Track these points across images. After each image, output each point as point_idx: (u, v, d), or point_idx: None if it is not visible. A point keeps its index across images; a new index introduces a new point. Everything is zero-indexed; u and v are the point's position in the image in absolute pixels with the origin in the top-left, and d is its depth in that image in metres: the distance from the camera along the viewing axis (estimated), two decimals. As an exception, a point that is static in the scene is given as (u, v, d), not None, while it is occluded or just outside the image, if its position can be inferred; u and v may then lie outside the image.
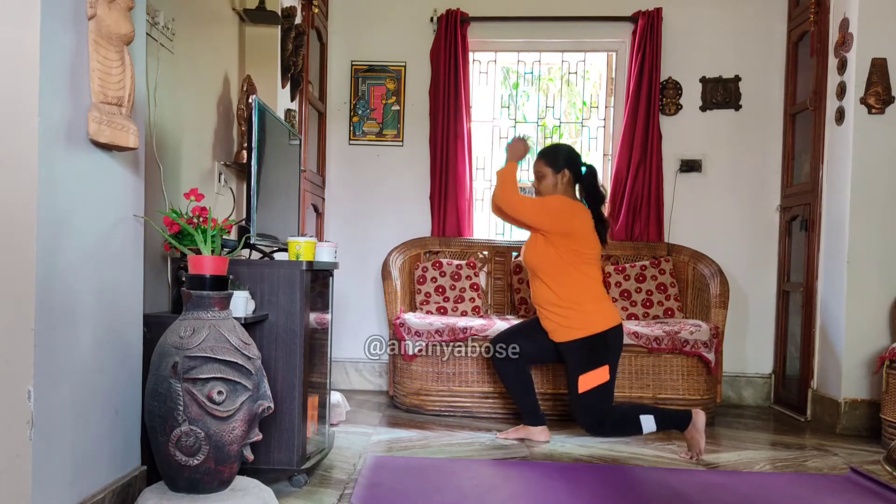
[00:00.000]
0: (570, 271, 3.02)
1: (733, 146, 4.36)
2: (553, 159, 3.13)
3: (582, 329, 2.98)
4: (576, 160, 3.16)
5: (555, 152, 3.18)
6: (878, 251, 3.54)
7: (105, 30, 1.77)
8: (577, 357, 2.98)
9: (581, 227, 3.04)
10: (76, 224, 1.74)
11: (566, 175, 3.12)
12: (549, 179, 3.13)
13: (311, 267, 2.43)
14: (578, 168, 3.15)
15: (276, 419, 2.34)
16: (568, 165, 3.12)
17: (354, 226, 4.48)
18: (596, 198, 3.15)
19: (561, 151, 3.18)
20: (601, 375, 2.94)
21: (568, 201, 3.09)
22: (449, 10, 4.34)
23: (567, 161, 3.13)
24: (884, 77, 3.51)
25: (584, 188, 3.17)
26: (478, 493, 2.43)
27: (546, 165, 3.14)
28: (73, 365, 1.73)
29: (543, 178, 3.14)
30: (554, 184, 3.12)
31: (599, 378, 2.93)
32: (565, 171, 3.12)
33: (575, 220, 3.04)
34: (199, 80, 2.87)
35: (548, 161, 3.14)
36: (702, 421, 2.94)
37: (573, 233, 3.03)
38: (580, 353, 2.98)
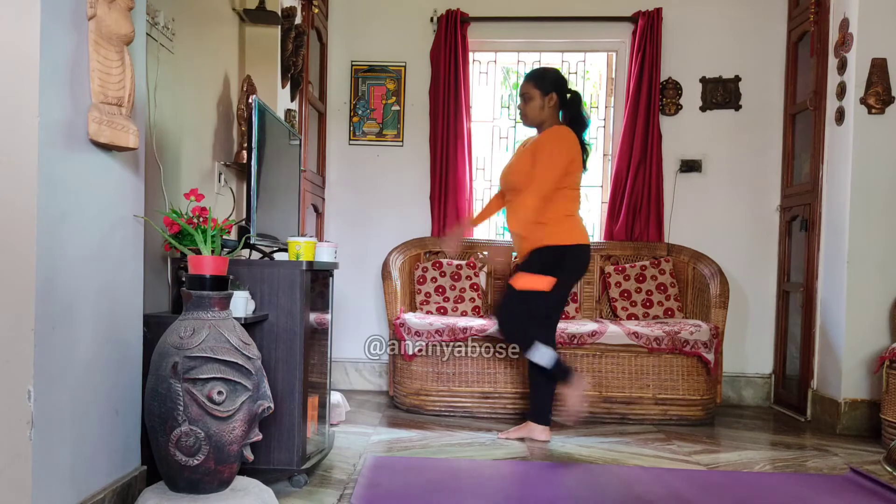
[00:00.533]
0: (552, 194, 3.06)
1: (733, 146, 4.37)
2: (541, 82, 3.17)
3: (545, 239, 3.03)
4: (563, 84, 3.21)
5: (543, 75, 3.22)
6: (878, 251, 3.54)
7: (105, 30, 1.77)
8: (530, 261, 3.06)
9: (576, 153, 3.10)
10: (76, 224, 1.74)
11: (553, 98, 3.16)
12: (537, 101, 3.16)
13: (311, 267, 2.43)
14: (565, 92, 3.20)
15: (276, 419, 2.34)
16: (555, 88, 3.17)
17: (354, 226, 4.48)
18: (580, 123, 3.20)
19: (549, 75, 3.22)
20: (541, 282, 2.99)
21: (564, 130, 3.12)
22: (449, 10, 4.34)
23: (555, 84, 3.17)
24: (884, 77, 3.51)
25: (568, 113, 3.22)
26: (478, 493, 2.43)
27: (534, 87, 3.17)
28: (73, 365, 1.74)
29: (531, 99, 3.18)
30: (541, 106, 3.16)
31: (538, 283, 2.99)
32: (552, 94, 3.16)
33: (574, 147, 3.09)
34: (199, 80, 2.87)
35: (536, 83, 3.18)
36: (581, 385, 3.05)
37: (573, 160, 3.08)
38: (534, 258, 3.05)
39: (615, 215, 4.33)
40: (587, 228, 3.26)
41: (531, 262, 3.07)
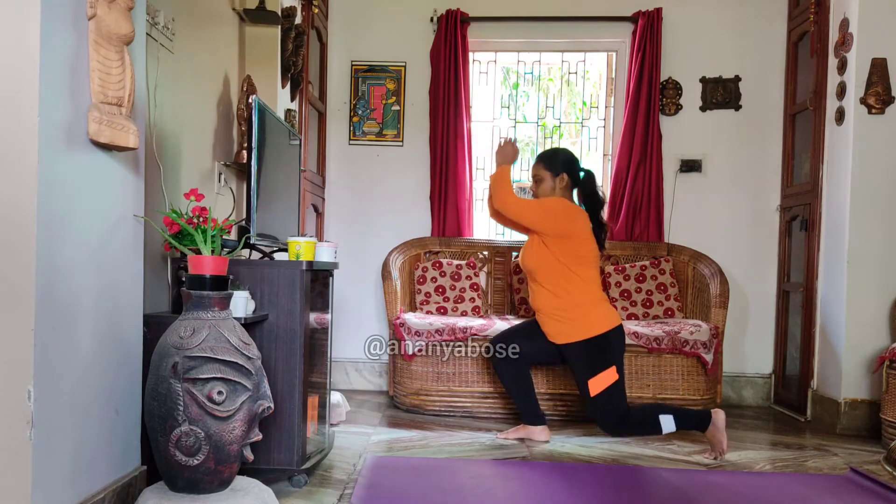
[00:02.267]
0: (568, 274, 3.03)
1: (733, 146, 4.36)
2: (551, 163, 3.15)
3: (583, 331, 2.98)
4: (574, 164, 3.18)
5: (553, 156, 3.19)
6: (878, 251, 3.54)
7: (105, 30, 1.77)
8: (583, 360, 2.99)
9: (579, 229, 3.05)
10: (76, 224, 1.74)
11: (564, 179, 3.13)
12: (548, 183, 3.14)
13: (311, 267, 2.43)
14: (577, 172, 3.17)
15: (276, 419, 2.34)
16: (566, 169, 3.14)
17: (354, 226, 4.48)
18: (594, 202, 3.17)
19: (559, 155, 3.19)
20: (610, 376, 2.94)
21: (566, 203, 3.10)
22: (449, 11, 4.34)
23: (565, 165, 3.14)
24: (884, 77, 3.51)
25: (582, 192, 3.19)
26: (478, 493, 2.43)
27: (545, 169, 3.15)
28: (73, 365, 1.73)
29: (542, 181, 3.16)
30: (552, 188, 3.14)
31: (609, 379, 2.93)
32: (563, 175, 3.13)
33: (573, 221, 3.05)
34: (199, 80, 2.87)
35: (546, 164, 3.15)
36: (722, 420, 2.95)
37: (571, 234, 3.04)
38: (585, 356, 2.98)
39: (615, 215, 4.33)
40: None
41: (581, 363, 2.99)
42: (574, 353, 3.01)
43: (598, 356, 2.96)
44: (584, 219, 3.09)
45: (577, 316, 3.00)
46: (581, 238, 3.05)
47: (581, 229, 3.06)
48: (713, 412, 2.96)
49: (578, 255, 3.04)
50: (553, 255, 3.04)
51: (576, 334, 2.99)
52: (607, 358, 2.95)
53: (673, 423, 2.92)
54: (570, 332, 3.01)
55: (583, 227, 3.07)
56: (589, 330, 2.98)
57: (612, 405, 2.94)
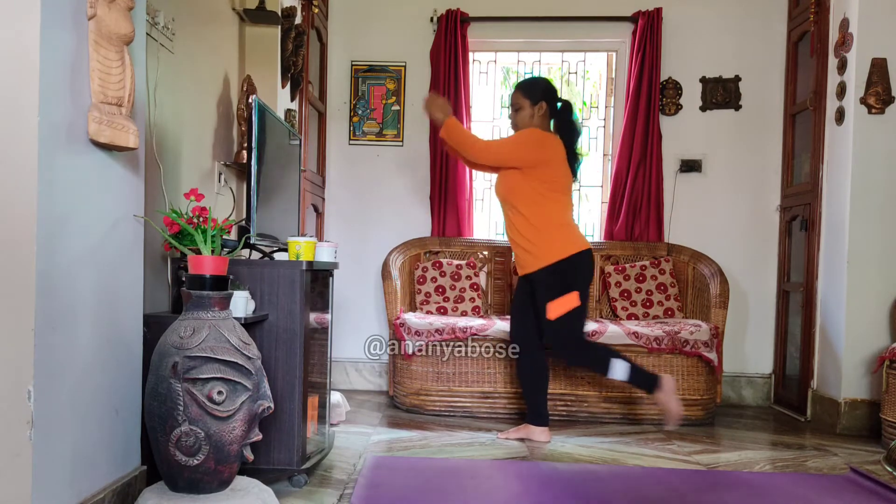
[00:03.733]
0: (540, 199, 3.07)
1: (733, 146, 4.36)
2: (531, 91, 3.17)
3: (549, 256, 3.02)
4: (553, 93, 3.20)
5: (533, 84, 3.22)
6: (878, 251, 3.54)
7: (105, 30, 1.77)
8: (544, 285, 3.03)
9: (552, 156, 3.09)
10: (76, 224, 1.74)
11: (543, 107, 3.15)
12: (526, 111, 3.16)
13: (311, 267, 2.43)
14: (555, 101, 3.19)
15: (276, 419, 2.34)
16: (545, 97, 3.16)
17: (354, 226, 4.48)
18: (570, 131, 3.19)
19: (539, 84, 3.23)
20: (571, 301, 2.97)
21: (537, 132, 3.13)
22: (449, 10, 4.34)
23: (544, 93, 3.17)
24: (884, 77, 3.51)
25: (559, 122, 3.21)
26: (478, 493, 2.43)
27: (523, 97, 3.17)
28: (73, 365, 1.74)
29: (520, 109, 3.17)
30: (530, 115, 3.16)
31: (569, 303, 2.97)
32: (542, 104, 3.15)
33: (545, 148, 3.08)
34: (199, 80, 2.87)
35: (525, 92, 3.17)
36: (670, 385, 3.01)
37: (546, 161, 3.07)
38: (547, 280, 3.02)
39: (615, 215, 4.33)
40: (588, 228, 3.26)
41: (546, 286, 3.03)
42: (539, 279, 3.05)
43: (560, 280, 3.00)
44: (558, 145, 3.12)
45: (545, 240, 3.04)
46: (555, 164, 3.09)
47: (555, 155, 3.09)
48: (662, 376, 3.02)
49: (551, 181, 3.07)
50: (526, 182, 3.07)
51: (542, 260, 3.03)
52: (569, 282, 2.99)
53: (624, 371, 2.99)
54: (537, 259, 3.05)
55: (557, 154, 3.10)
56: (553, 254, 3.01)
57: (570, 331, 2.98)
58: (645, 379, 3.04)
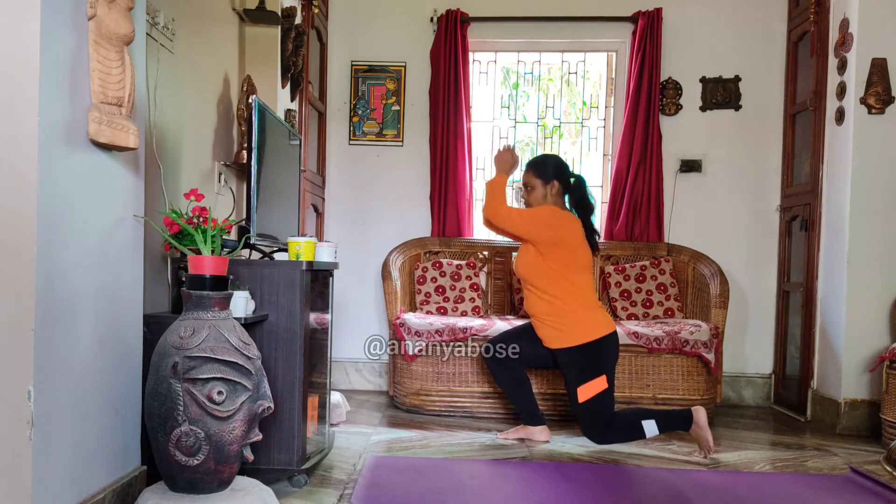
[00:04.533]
0: (561, 281, 3.03)
1: (733, 146, 4.36)
2: (542, 170, 3.16)
3: (576, 337, 2.98)
4: (564, 170, 3.19)
5: (543, 163, 3.20)
6: (878, 251, 3.54)
7: (105, 30, 1.77)
8: (574, 366, 2.99)
9: (571, 236, 3.06)
10: (76, 224, 1.74)
11: (555, 185, 3.14)
12: (539, 190, 3.15)
13: (311, 267, 2.43)
14: (567, 178, 3.18)
15: (276, 419, 2.34)
16: (557, 176, 3.15)
17: (354, 226, 4.48)
18: (585, 207, 3.18)
19: (549, 162, 3.20)
20: (599, 384, 2.94)
21: (557, 210, 3.10)
22: (449, 10, 4.34)
23: (556, 171, 3.15)
24: (884, 77, 3.51)
25: (573, 198, 3.20)
26: (478, 493, 2.43)
27: (535, 177, 3.16)
28: (73, 365, 1.73)
29: (533, 189, 3.16)
30: (543, 195, 3.15)
31: (598, 387, 2.94)
32: (554, 182, 3.14)
33: (564, 228, 3.06)
34: (199, 80, 2.87)
35: (537, 172, 3.16)
36: (703, 417, 2.94)
37: (561, 241, 3.04)
38: (576, 363, 2.98)
39: (615, 215, 4.33)
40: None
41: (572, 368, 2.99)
42: (566, 358, 3.01)
43: (589, 363, 2.96)
44: (575, 224, 3.09)
45: (572, 322, 3.00)
46: (573, 244, 3.06)
47: (572, 235, 3.06)
48: (694, 410, 2.96)
49: (571, 262, 3.04)
50: (545, 263, 3.04)
51: (569, 340, 3.00)
52: (598, 365, 2.96)
53: (656, 427, 2.93)
54: (564, 337, 3.01)
55: (574, 233, 3.07)
56: (583, 336, 2.98)
57: (598, 413, 2.95)
58: (677, 422, 2.97)
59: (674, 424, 2.97)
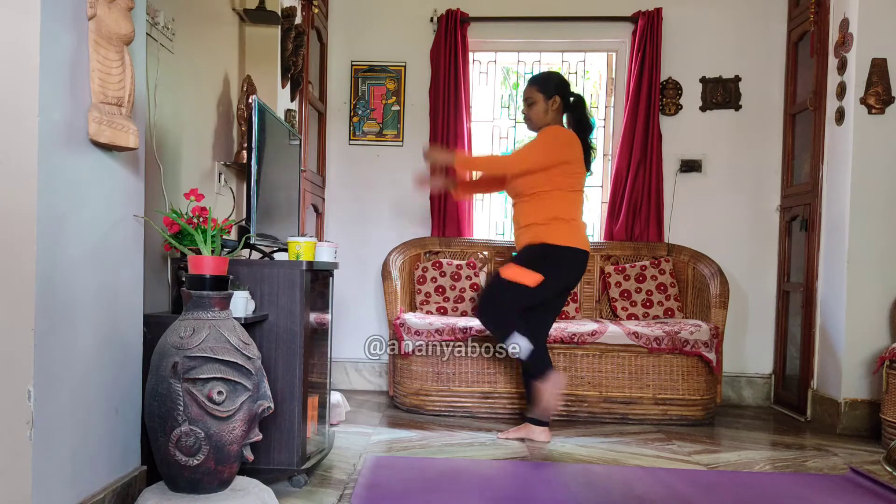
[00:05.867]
0: (556, 194, 3.10)
1: (733, 146, 4.36)
2: (545, 85, 3.20)
3: (546, 237, 3.07)
4: (566, 88, 3.23)
5: (547, 79, 3.25)
6: (878, 251, 3.54)
7: (105, 30, 1.77)
8: (524, 254, 3.08)
9: (576, 154, 3.12)
10: (76, 224, 1.74)
11: (556, 101, 3.18)
12: (540, 105, 3.19)
13: (311, 267, 2.43)
14: (568, 96, 3.22)
15: (276, 419, 2.34)
16: (559, 92, 3.19)
17: (354, 226, 4.48)
18: (584, 126, 3.22)
19: (552, 78, 3.26)
20: (529, 277, 3.01)
21: (563, 130, 3.16)
22: (449, 10, 4.34)
23: (558, 87, 3.20)
24: (884, 77, 3.51)
25: (573, 117, 3.24)
26: (478, 493, 2.43)
27: (538, 91, 3.20)
28: (73, 365, 1.73)
29: (534, 103, 3.20)
30: (545, 110, 3.18)
31: (523, 277, 3.01)
32: (556, 98, 3.18)
33: (571, 147, 3.12)
34: (199, 80, 2.87)
35: (540, 87, 3.20)
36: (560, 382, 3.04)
37: (570, 160, 3.10)
38: (527, 253, 3.08)
39: (615, 215, 4.33)
40: (588, 228, 3.27)
41: (522, 255, 3.13)
42: (524, 251, 3.11)
43: (538, 259, 3.04)
44: (578, 143, 3.15)
45: (550, 226, 3.08)
46: (576, 161, 3.13)
47: (577, 153, 3.13)
48: (556, 372, 3.05)
49: (570, 177, 3.11)
50: (548, 178, 3.09)
51: (536, 239, 3.09)
52: (542, 265, 3.03)
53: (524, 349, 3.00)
54: (535, 238, 3.09)
55: (578, 151, 3.14)
56: (548, 237, 3.06)
57: (503, 298, 3.03)
58: (539, 366, 3.04)
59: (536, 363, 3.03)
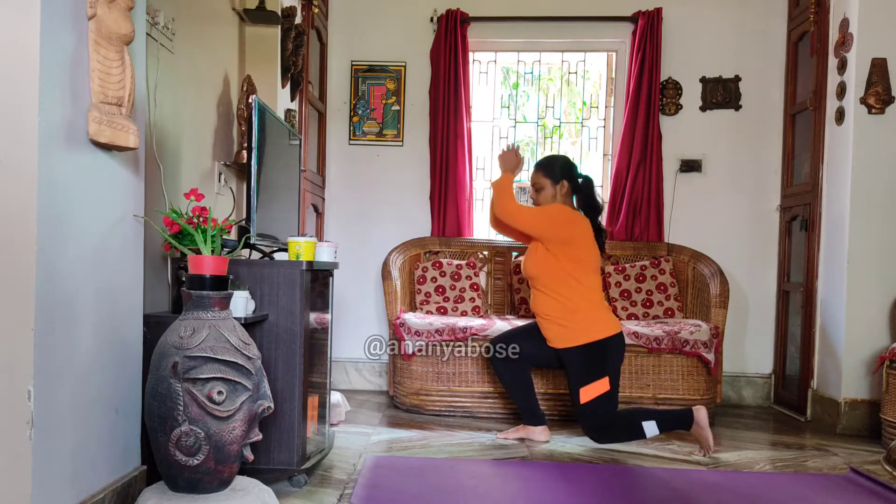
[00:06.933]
0: (570, 280, 3.04)
1: (733, 146, 4.36)
2: (551, 170, 3.16)
3: (582, 336, 2.99)
4: (573, 170, 3.20)
5: (552, 163, 3.20)
6: (878, 251, 3.54)
7: (105, 30, 1.77)
8: (577, 366, 2.99)
9: (580, 235, 3.07)
10: (76, 224, 1.74)
11: (565, 186, 3.15)
12: (548, 190, 3.15)
13: (311, 267, 2.43)
14: (576, 178, 3.19)
15: (276, 419, 2.34)
16: (565, 176, 3.16)
17: (354, 226, 4.48)
18: (593, 207, 3.19)
19: (558, 162, 3.21)
20: (602, 385, 2.94)
21: (567, 209, 3.12)
22: (449, 10, 4.34)
23: (564, 172, 3.16)
24: (884, 77, 3.51)
25: (581, 198, 3.21)
26: (478, 493, 2.43)
27: (544, 177, 3.16)
28: (73, 365, 1.73)
29: (542, 189, 3.17)
30: (552, 195, 3.15)
31: (600, 389, 2.94)
32: (563, 182, 3.15)
33: (574, 227, 3.07)
34: (199, 80, 2.87)
35: (546, 172, 3.17)
36: (704, 417, 2.94)
37: (572, 240, 3.05)
38: (580, 363, 2.98)
39: (615, 215, 4.33)
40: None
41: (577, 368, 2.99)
42: (571, 357, 3.01)
43: (593, 363, 2.97)
44: (585, 224, 3.11)
45: (578, 321, 3.01)
46: (582, 243, 3.07)
47: (582, 234, 3.07)
48: (695, 410, 2.95)
49: (580, 261, 3.05)
50: (555, 261, 3.05)
51: (575, 339, 3.00)
52: (602, 366, 2.96)
53: (656, 427, 2.93)
54: (570, 336, 3.01)
55: (584, 233, 3.08)
56: (588, 335, 2.98)
57: (599, 414, 2.95)
58: (678, 422, 2.97)
59: (674, 424, 2.97)
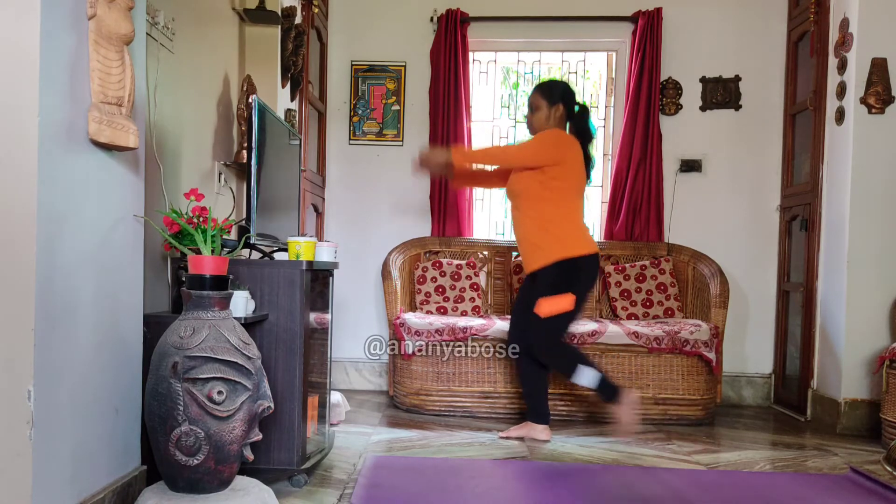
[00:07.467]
0: (554, 199, 3.09)
1: (733, 146, 4.36)
2: (549, 92, 3.21)
3: (557, 252, 3.04)
4: (571, 97, 3.24)
5: (552, 86, 3.27)
6: (878, 251, 3.54)
7: (105, 30, 1.77)
8: (547, 283, 3.04)
9: (571, 158, 3.12)
10: (76, 224, 1.74)
11: (560, 109, 3.19)
12: (543, 112, 3.20)
13: (311, 267, 2.43)
14: (572, 105, 3.23)
15: (276, 419, 2.34)
16: (563, 100, 3.21)
17: (354, 226, 4.48)
18: (586, 135, 3.23)
19: (558, 86, 3.27)
20: (564, 302, 2.98)
21: (558, 131, 3.17)
22: (449, 10, 4.34)
23: (562, 96, 3.21)
24: (884, 77, 3.51)
25: (574, 125, 3.25)
26: (478, 493, 2.43)
27: (542, 97, 3.21)
28: (73, 365, 1.73)
29: (538, 109, 3.21)
30: (547, 116, 3.19)
31: (564, 305, 2.98)
32: (559, 106, 3.19)
33: (566, 148, 3.12)
34: (199, 80, 2.87)
35: (544, 93, 3.21)
36: (633, 400, 3.02)
37: (563, 161, 3.10)
38: (550, 279, 3.03)
39: (615, 215, 4.33)
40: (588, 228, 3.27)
41: (543, 281, 3.05)
42: (544, 275, 3.06)
43: (563, 280, 3.01)
44: (576, 147, 3.15)
45: (553, 239, 3.06)
46: (572, 166, 3.12)
47: (573, 156, 3.13)
48: (627, 391, 3.04)
49: (566, 180, 3.10)
50: (541, 180, 3.09)
51: (550, 256, 3.04)
52: (570, 284, 3.01)
53: (592, 379, 2.99)
54: (545, 255, 3.06)
55: (575, 155, 3.13)
56: (563, 251, 3.03)
57: (552, 330, 3.00)
58: (609, 390, 3.03)
59: (605, 390, 3.02)
